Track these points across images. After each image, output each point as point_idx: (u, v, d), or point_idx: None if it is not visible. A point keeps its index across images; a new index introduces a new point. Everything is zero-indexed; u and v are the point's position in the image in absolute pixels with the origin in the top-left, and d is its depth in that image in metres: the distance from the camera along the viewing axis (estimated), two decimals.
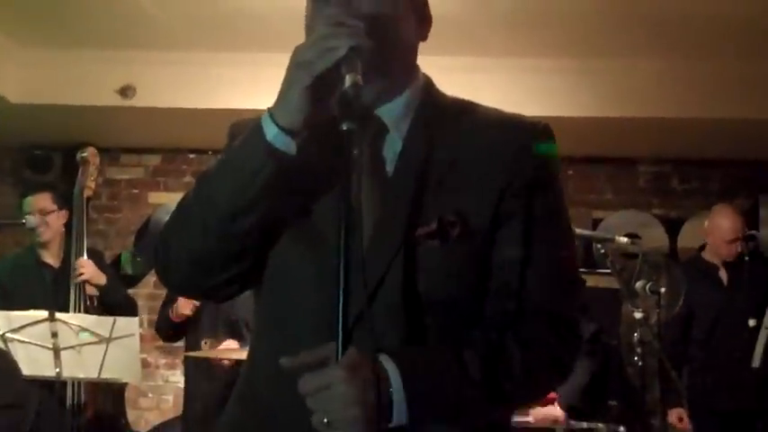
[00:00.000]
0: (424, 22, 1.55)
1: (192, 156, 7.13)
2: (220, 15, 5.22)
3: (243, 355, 2.01)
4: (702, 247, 5.40)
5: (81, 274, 4.43)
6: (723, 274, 5.09)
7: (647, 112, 5.88)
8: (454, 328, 1.43)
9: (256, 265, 1.48)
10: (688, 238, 6.95)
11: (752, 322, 4.78)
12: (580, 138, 5.70)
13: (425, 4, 1.57)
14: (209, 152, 7.06)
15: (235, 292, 1.54)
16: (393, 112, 1.51)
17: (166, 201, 7.10)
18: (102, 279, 4.52)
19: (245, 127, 1.51)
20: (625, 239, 3.98)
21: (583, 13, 5.00)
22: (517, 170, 1.46)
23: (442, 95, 1.57)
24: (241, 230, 1.42)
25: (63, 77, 5.88)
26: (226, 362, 4.29)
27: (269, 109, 1.40)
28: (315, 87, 1.35)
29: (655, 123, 6.01)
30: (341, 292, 1.27)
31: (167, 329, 4.73)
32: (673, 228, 7.00)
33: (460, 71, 4.45)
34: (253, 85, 5.86)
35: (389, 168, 1.48)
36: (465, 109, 1.55)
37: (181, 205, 1.50)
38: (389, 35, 1.45)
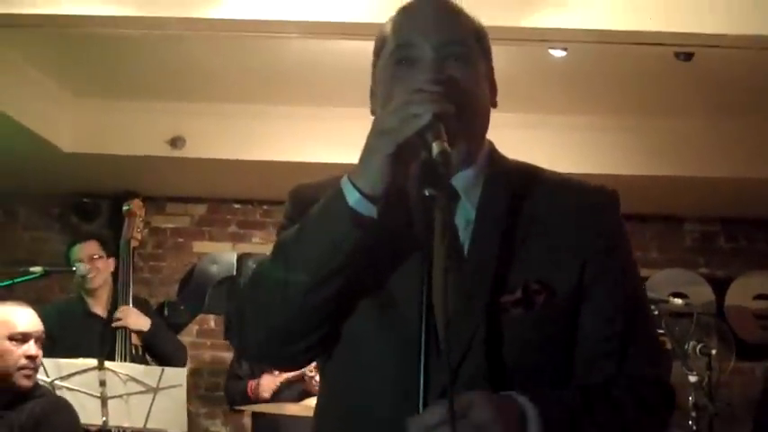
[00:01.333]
0: (494, 89, 1.57)
1: (237, 206, 7.18)
2: (268, 69, 5.29)
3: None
4: None
5: (119, 319, 4.46)
6: None
7: (693, 170, 5.87)
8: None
9: (334, 333, 1.47)
10: (735, 296, 6.88)
11: None
12: (627, 195, 5.59)
13: (493, 72, 1.58)
14: (255, 203, 7.14)
15: (312, 359, 1.55)
16: (465, 180, 1.51)
17: (211, 250, 7.16)
18: (144, 325, 4.54)
19: (308, 193, 1.54)
20: (680, 301, 3.94)
21: (632, 72, 5.02)
22: (596, 236, 1.48)
23: (506, 159, 1.58)
24: (322, 300, 1.40)
25: (114, 127, 5.96)
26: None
27: (349, 176, 1.39)
28: (397, 155, 1.35)
29: (701, 182, 5.98)
30: (421, 366, 1.28)
31: (241, 402, 4.74)
32: (719, 286, 6.92)
33: (511, 127, 4.46)
34: (298, 138, 5.94)
35: (461, 237, 1.48)
36: (531, 174, 1.57)
37: (257, 274, 1.48)
38: (471, 101, 1.46)
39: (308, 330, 1.44)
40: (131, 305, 4.59)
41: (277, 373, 4.71)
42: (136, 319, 4.53)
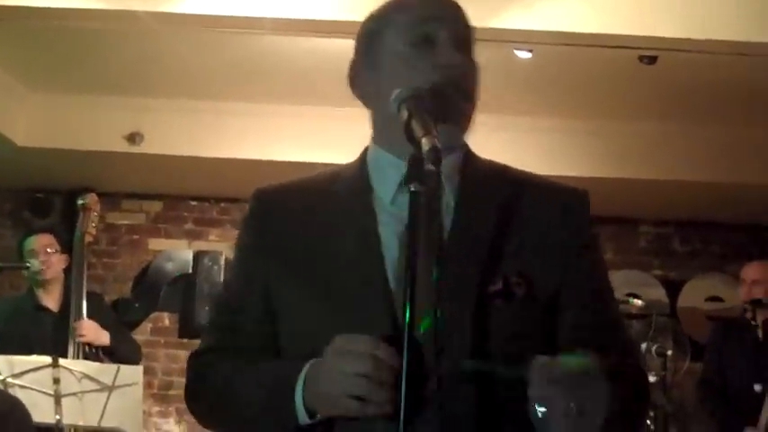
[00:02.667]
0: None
1: (193, 203, 7.11)
2: (228, 65, 5.25)
3: None
4: None
5: (82, 335, 4.39)
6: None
7: (650, 173, 5.95)
8: (519, 385, 1.39)
9: None
10: (688, 298, 6.97)
11: (758, 387, 4.70)
12: None
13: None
14: (211, 200, 7.08)
15: None
16: (449, 166, 1.49)
17: (166, 247, 7.08)
18: (104, 339, 4.47)
19: (272, 197, 1.56)
20: (639, 302, 3.97)
21: (596, 75, 5.06)
22: (571, 234, 1.51)
23: (479, 157, 1.59)
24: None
25: (71, 122, 5.88)
26: None
27: (306, 395, 1.38)
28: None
29: (657, 185, 6.06)
30: (405, 351, 1.26)
31: None
32: (673, 288, 7.01)
33: (477, 128, 4.48)
34: (256, 136, 5.91)
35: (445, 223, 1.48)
36: (505, 170, 1.58)
37: (201, 386, 1.57)
38: (473, 89, 1.49)
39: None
40: (85, 301, 4.50)
41: None
42: (96, 335, 4.45)
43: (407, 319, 1.26)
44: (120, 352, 4.54)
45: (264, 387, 1.44)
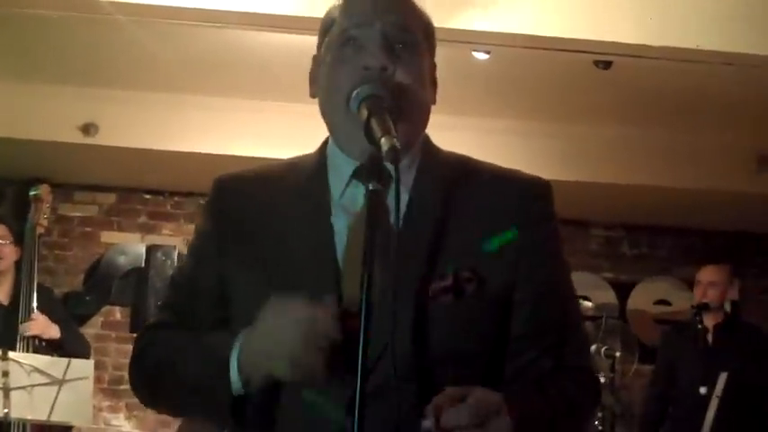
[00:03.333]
0: (434, 86, 1.57)
1: (147, 196, 7.05)
2: (185, 58, 5.20)
3: None
4: None
5: (31, 329, 4.33)
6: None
7: (603, 177, 6.02)
8: (467, 382, 1.38)
9: None
10: (637, 301, 7.07)
11: (703, 390, 4.78)
12: None
13: (435, 69, 1.58)
14: (165, 194, 7.02)
15: None
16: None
17: (119, 240, 7.02)
18: (54, 332, 4.42)
19: (233, 185, 1.57)
20: (589, 304, 4.03)
21: (552, 77, 5.11)
22: (529, 225, 1.48)
23: (440, 150, 1.58)
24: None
25: (24, 111, 5.79)
26: None
27: (240, 360, 1.38)
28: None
29: (608, 188, 6.14)
30: (361, 348, 1.25)
31: None
32: (622, 291, 7.10)
33: (430, 128, 4.52)
34: (212, 130, 5.88)
35: (392, 220, 1.42)
36: (465, 164, 1.56)
37: (144, 360, 1.56)
38: (410, 93, 1.45)
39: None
40: (35, 294, 4.45)
41: None
42: (46, 329, 4.40)
43: (363, 319, 1.24)
44: (68, 346, 4.50)
45: (200, 355, 1.45)
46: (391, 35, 1.46)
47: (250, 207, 1.54)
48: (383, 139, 1.30)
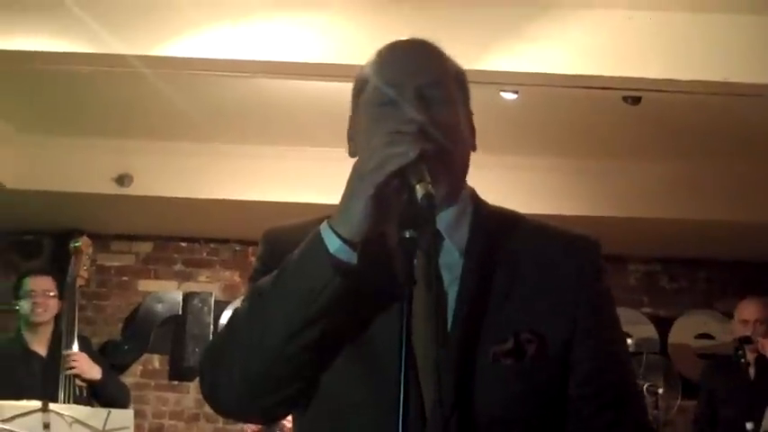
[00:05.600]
0: (473, 131, 1.56)
1: (183, 244, 7.11)
2: (216, 107, 5.27)
3: None
4: None
5: (72, 367, 4.36)
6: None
7: (638, 212, 5.98)
8: None
9: (312, 384, 1.42)
10: (678, 335, 6.98)
11: (749, 426, 4.70)
12: None
13: (472, 115, 1.57)
14: (201, 241, 7.08)
15: (287, 412, 1.50)
16: (447, 220, 1.46)
17: (156, 288, 7.07)
18: (96, 374, 4.44)
19: (284, 235, 1.50)
20: (629, 341, 3.97)
21: (581, 115, 5.11)
22: (585, 287, 1.46)
23: (487, 204, 1.55)
24: (301, 349, 1.34)
25: (60, 164, 5.90)
26: None
27: (328, 221, 1.35)
28: (378, 197, 1.31)
29: (645, 223, 6.09)
30: (400, 418, 1.22)
31: None
32: (662, 326, 7.02)
33: None
34: (245, 177, 5.93)
35: (446, 279, 1.42)
36: (515, 220, 1.54)
37: (233, 322, 1.42)
38: (452, 142, 1.44)
39: (285, 381, 1.38)
40: (77, 346, 4.48)
41: None
42: (89, 369, 4.42)
43: (402, 386, 1.22)
44: (109, 390, 4.51)
45: (292, 257, 1.38)
46: (425, 93, 1.45)
47: None
48: (419, 186, 1.28)
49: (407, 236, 1.28)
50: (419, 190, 1.28)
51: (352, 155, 1.52)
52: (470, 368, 1.37)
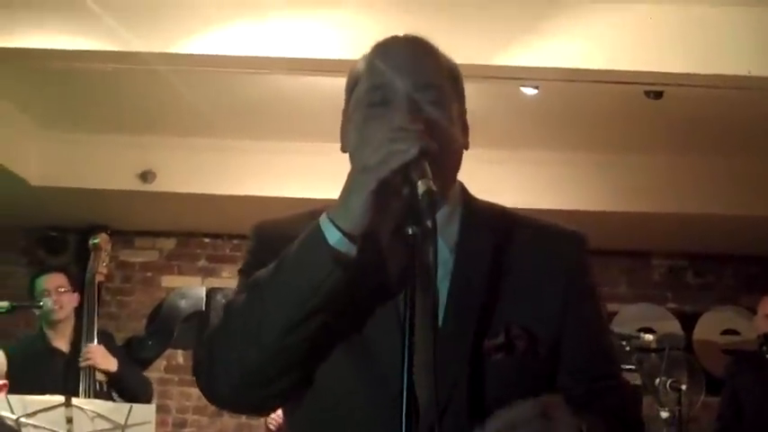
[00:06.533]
0: (466, 130, 1.55)
1: (206, 240, 7.15)
2: (239, 103, 5.30)
3: None
4: None
5: (88, 359, 4.40)
6: None
7: (662, 207, 5.94)
8: None
9: (308, 377, 1.43)
10: (703, 331, 6.92)
11: None
12: (596, 231, 5.66)
13: (465, 113, 1.57)
14: (224, 237, 7.10)
15: (282, 403, 1.51)
16: (439, 219, 1.43)
17: (180, 284, 7.11)
18: (111, 365, 4.48)
19: (274, 228, 1.53)
20: (651, 337, 3.95)
21: (602, 109, 5.08)
22: (573, 282, 1.50)
23: (477, 200, 1.57)
24: (298, 341, 1.36)
25: (84, 161, 5.94)
26: None
27: (328, 213, 1.35)
28: (380, 192, 1.32)
29: (670, 218, 6.05)
30: (404, 412, 1.23)
31: None
32: (687, 321, 6.97)
33: (483, 162, 4.51)
34: (268, 173, 5.94)
35: (438, 276, 1.42)
36: (504, 215, 1.56)
37: (230, 313, 1.43)
38: (445, 142, 1.44)
39: (281, 373, 1.39)
40: (96, 341, 4.52)
41: None
42: (103, 359, 4.47)
43: (405, 381, 1.24)
44: (127, 383, 4.54)
45: (291, 249, 1.38)
46: (417, 94, 1.45)
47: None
48: (420, 182, 1.29)
49: (410, 232, 1.29)
50: (421, 186, 1.28)
51: (344, 151, 1.54)
52: (462, 363, 1.39)
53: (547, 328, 1.45)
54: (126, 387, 4.54)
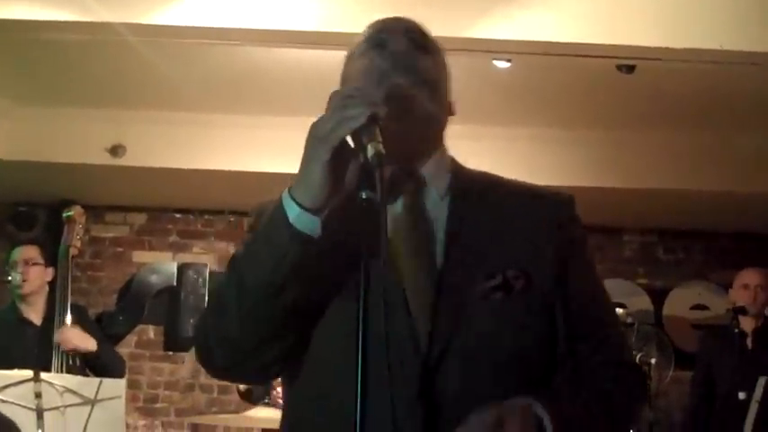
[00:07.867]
0: (440, 96, 1.57)
1: (177, 215, 7.10)
2: (210, 77, 5.24)
3: None
4: None
5: (66, 344, 4.36)
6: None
7: (632, 182, 5.96)
8: (521, 378, 1.45)
9: (300, 344, 1.46)
10: (673, 307, 6.98)
11: (742, 395, 4.71)
12: None
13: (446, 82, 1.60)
14: (195, 212, 7.07)
15: (278, 372, 1.54)
16: (426, 169, 1.53)
17: (151, 260, 7.07)
18: (91, 345, 4.45)
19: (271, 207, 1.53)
20: (621, 310, 3.98)
21: (575, 84, 5.08)
22: (563, 233, 1.55)
23: (464, 167, 1.62)
24: (278, 310, 1.39)
25: (53, 135, 5.87)
26: None
27: (288, 188, 1.38)
28: (334, 161, 1.34)
29: (641, 193, 6.08)
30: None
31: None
32: (657, 297, 7.03)
33: (454, 138, 4.51)
34: (240, 147, 5.90)
35: (432, 220, 1.51)
36: (493, 178, 1.62)
37: (215, 290, 1.50)
38: (411, 105, 1.48)
39: (264, 343, 1.43)
40: (69, 314, 4.49)
41: None
42: (82, 341, 4.43)
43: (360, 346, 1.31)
44: (104, 360, 4.53)
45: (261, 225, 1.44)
46: (413, 44, 1.52)
47: None
48: (369, 146, 1.32)
49: (363, 197, 1.35)
50: (369, 149, 1.31)
51: None
52: (461, 303, 1.44)
53: (542, 271, 1.50)
54: (101, 364, 4.52)
